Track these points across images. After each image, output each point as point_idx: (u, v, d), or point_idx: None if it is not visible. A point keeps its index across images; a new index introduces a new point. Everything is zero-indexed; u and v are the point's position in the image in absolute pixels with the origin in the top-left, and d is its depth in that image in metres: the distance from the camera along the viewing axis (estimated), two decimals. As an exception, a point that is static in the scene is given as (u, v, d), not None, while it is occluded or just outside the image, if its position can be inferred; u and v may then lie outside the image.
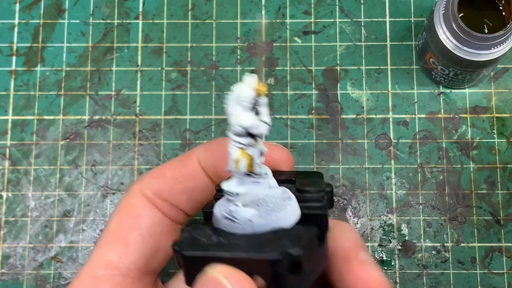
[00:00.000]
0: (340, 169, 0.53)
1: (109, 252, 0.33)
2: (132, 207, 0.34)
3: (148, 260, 0.33)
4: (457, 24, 0.46)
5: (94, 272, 0.32)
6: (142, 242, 0.33)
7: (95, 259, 0.33)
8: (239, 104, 0.26)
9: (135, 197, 0.34)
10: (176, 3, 0.56)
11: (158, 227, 0.34)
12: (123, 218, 0.34)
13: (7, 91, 0.55)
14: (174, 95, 0.54)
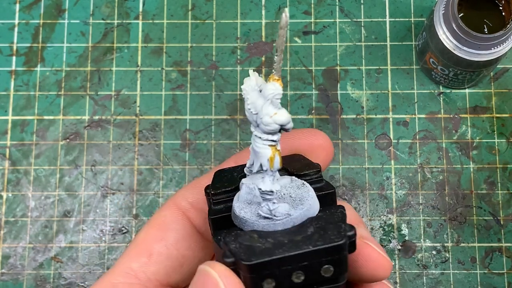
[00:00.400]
0: (340, 169, 0.53)
1: (131, 261, 0.33)
2: (162, 219, 0.34)
3: (170, 273, 0.33)
4: (457, 24, 0.46)
5: (114, 279, 0.32)
6: (166, 254, 0.33)
7: (117, 267, 0.33)
8: (272, 102, 0.26)
9: (167, 209, 0.34)
10: (176, 3, 0.56)
11: (185, 242, 0.33)
12: (151, 229, 0.34)
13: (7, 91, 0.55)
14: (174, 95, 0.54)
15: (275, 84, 0.27)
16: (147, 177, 0.53)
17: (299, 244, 0.27)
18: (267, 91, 0.27)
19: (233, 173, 0.32)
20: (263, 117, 0.26)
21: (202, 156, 0.53)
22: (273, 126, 0.26)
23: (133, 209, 0.53)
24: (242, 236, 0.27)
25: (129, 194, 0.53)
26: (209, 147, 0.53)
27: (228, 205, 0.30)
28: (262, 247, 0.26)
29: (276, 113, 0.26)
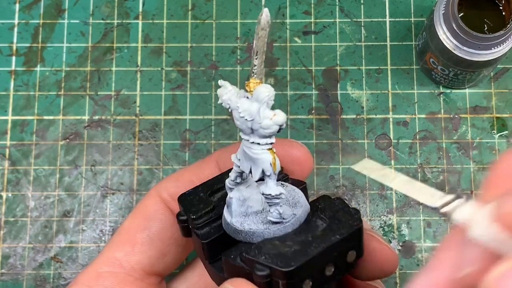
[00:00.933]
0: (340, 169, 0.53)
1: (115, 250, 0.33)
2: (145, 208, 0.34)
3: (153, 262, 0.33)
4: (457, 24, 0.46)
5: (99, 268, 0.33)
6: (149, 244, 0.33)
7: (101, 256, 0.33)
8: (268, 106, 0.26)
9: (150, 199, 0.34)
10: (176, 3, 0.56)
11: (168, 232, 0.34)
12: (134, 219, 0.34)
13: (7, 91, 0.55)
14: (174, 95, 0.54)
15: (266, 86, 0.26)
16: (147, 177, 0.53)
17: (325, 237, 0.27)
18: (261, 94, 0.26)
19: (198, 194, 0.31)
20: (263, 121, 0.26)
21: (202, 156, 0.53)
22: (274, 128, 0.26)
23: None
24: (264, 247, 0.27)
25: (129, 194, 0.53)
26: (209, 147, 0.53)
27: (213, 225, 0.30)
28: (292, 251, 0.26)
29: (275, 114, 0.26)
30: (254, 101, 0.26)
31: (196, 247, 0.31)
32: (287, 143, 0.33)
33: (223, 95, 0.27)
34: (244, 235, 0.29)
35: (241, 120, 0.26)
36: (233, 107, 0.27)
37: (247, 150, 0.27)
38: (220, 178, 0.32)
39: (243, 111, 0.26)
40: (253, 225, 0.28)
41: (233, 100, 0.27)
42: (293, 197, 0.29)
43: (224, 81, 0.27)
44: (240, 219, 0.29)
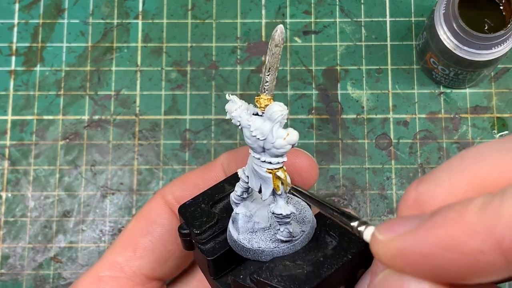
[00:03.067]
0: (340, 169, 0.53)
1: (117, 254, 0.33)
2: (149, 212, 0.34)
3: (155, 267, 0.33)
4: (457, 23, 0.46)
5: (100, 272, 0.32)
6: (151, 248, 0.33)
7: (103, 259, 0.33)
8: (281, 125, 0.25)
9: (154, 202, 0.34)
10: (176, 3, 0.56)
11: (171, 237, 0.33)
12: (138, 223, 0.34)
13: (7, 91, 0.55)
14: (174, 95, 0.54)
15: (280, 104, 0.25)
16: (147, 177, 0.53)
17: (336, 257, 0.26)
18: (275, 113, 0.25)
19: (199, 204, 0.30)
20: (276, 141, 0.25)
21: (202, 156, 0.53)
22: (287, 147, 0.25)
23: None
24: (275, 268, 0.27)
25: (129, 194, 0.53)
26: (209, 147, 0.53)
27: (218, 240, 0.29)
28: (305, 272, 0.26)
29: (288, 134, 0.25)
30: (267, 120, 0.25)
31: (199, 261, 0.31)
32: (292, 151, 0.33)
33: (232, 111, 0.26)
34: (252, 253, 0.28)
35: (253, 139, 0.25)
36: (244, 125, 0.25)
37: (257, 168, 0.26)
38: (220, 186, 0.31)
39: (255, 130, 0.25)
40: (261, 243, 0.28)
41: (243, 117, 0.26)
42: (300, 212, 0.29)
43: (233, 95, 0.26)
44: (248, 236, 0.28)
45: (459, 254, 0.17)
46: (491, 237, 0.17)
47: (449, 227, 0.17)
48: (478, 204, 0.17)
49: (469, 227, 0.17)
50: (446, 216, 0.18)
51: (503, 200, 0.17)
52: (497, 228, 0.17)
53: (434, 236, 0.18)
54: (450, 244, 0.17)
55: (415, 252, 0.18)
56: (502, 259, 0.17)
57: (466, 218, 0.17)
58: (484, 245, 0.17)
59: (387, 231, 0.19)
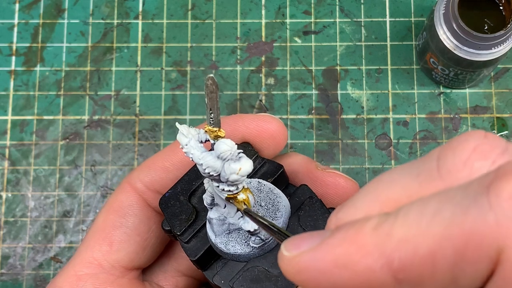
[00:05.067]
0: (340, 169, 0.53)
1: (93, 250, 0.32)
2: (119, 204, 0.33)
3: (133, 258, 0.33)
4: (457, 24, 0.46)
5: (78, 270, 0.32)
6: (127, 240, 0.33)
7: (79, 257, 0.33)
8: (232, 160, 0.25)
9: (123, 193, 0.33)
10: (176, 3, 0.56)
11: (145, 226, 0.33)
12: (109, 216, 0.33)
13: (7, 91, 0.55)
14: (174, 95, 0.54)
15: (226, 142, 0.25)
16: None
17: None
18: (224, 154, 0.25)
19: (178, 197, 0.31)
20: (230, 176, 0.25)
21: (202, 156, 0.53)
22: (242, 179, 0.25)
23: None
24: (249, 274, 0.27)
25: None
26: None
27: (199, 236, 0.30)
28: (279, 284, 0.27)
29: (240, 168, 0.25)
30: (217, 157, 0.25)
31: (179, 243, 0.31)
32: (261, 118, 0.33)
33: (183, 144, 0.26)
34: (230, 256, 0.29)
35: (206, 174, 0.26)
36: (197, 162, 0.26)
37: (218, 193, 0.27)
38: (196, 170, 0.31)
39: (207, 167, 0.25)
40: (237, 247, 0.28)
41: (195, 154, 0.26)
42: (273, 203, 0.29)
43: (182, 125, 0.26)
44: (224, 239, 0.29)
45: (352, 273, 0.18)
46: (382, 257, 0.17)
47: (344, 246, 0.18)
48: (373, 223, 0.18)
49: (362, 247, 0.18)
50: (344, 235, 0.18)
51: (396, 221, 0.18)
52: (387, 249, 0.17)
53: (331, 254, 0.18)
54: (345, 262, 0.18)
55: (314, 269, 0.18)
56: (392, 279, 0.17)
57: (360, 238, 0.18)
58: (376, 264, 0.17)
59: (292, 248, 0.19)
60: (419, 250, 0.17)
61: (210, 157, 0.25)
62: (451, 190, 0.18)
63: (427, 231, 0.17)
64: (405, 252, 0.17)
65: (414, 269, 0.17)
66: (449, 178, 0.19)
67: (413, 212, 0.18)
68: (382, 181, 0.20)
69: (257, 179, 0.30)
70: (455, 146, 0.19)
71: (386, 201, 0.20)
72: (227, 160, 0.25)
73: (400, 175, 0.20)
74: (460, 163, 0.19)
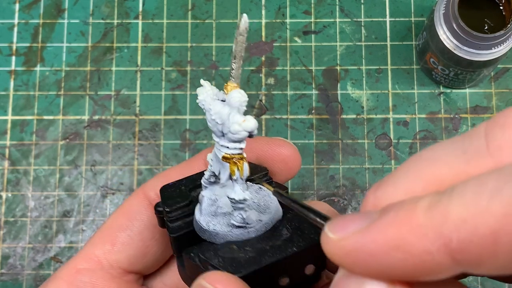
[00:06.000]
0: (340, 169, 0.53)
1: (96, 248, 0.33)
2: (129, 207, 0.34)
3: (133, 261, 0.34)
4: (457, 24, 0.46)
5: (78, 264, 0.33)
6: (130, 243, 0.33)
7: (82, 252, 0.34)
8: (238, 110, 0.26)
9: (135, 198, 0.35)
10: (176, 3, 0.56)
11: (149, 232, 0.34)
12: (117, 217, 0.34)
13: (7, 91, 0.55)
14: (174, 95, 0.54)
15: (240, 91, 0.26)
16: (147, 177, 0.53)
17: (282, 248, 0.27)
18: (233, 99, 0.26)
19: (180, 187, 0.31)
20: (232, 126, 0.26)
21: (202, 156, 0.53)
22: (243, 133, 0.26)
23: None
24: (221, 250, 0.27)
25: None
26: (209, 147, 0.53)
27: (186, 220, 0.30)
28: (246, 257, 0.26)
29: (244, 120, 0.26)
30: (227, 105, 0.26)
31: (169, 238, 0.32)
32: (275, 141, 0.33)
33: (200, 95, 0.27)
34: (208, 235, 0.29)
35: (212, 123, 0.27)
36: (207, 108, 0.27)
37: (217, 152, 0.28)
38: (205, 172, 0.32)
39: (214, 113, 0.26)
40: (218, 226, 0.29)
41: (207, 101, 0.27)
42: (265, 203, 0.29)
43: (205, 81, 0.27)
44: (208, 218, 0.29)
45: (407, 254, 0.17)
46: (439, 238, 0.17)
47: (398, 228, 0.18)
48: (426, 203, 0.17)
49: (417, 228, 0.17)
50: (395, 216, 0.18)
51: (451, 200, 0.17)
52: (444, 229, 0.17)
53: (384, 236, 0.18)
54: (399, 244, 0.17)
55: (364, 251, 0.18)
56: (449, 260, 0.17)
57: (414, 219, 0.17)
58: (432, 246, 0.17)
59: (338, 230, 0.19)
60: (480, 230, 0.16)
61: (219, 104, 0.27)
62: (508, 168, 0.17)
63: (487, 210, 0.16)
64: (464, 232, 0.16)
65: (473, 249, 0.17)
66: (500, 155, 0.18)
67: (470, 190, 0.17)
68: (424, 159, 0.20)
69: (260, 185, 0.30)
70: (503, 122, 0.19)
71: (430, 180, 0.19)
72: (235, 108, 0.26)
73: (445, 153, 0.19)
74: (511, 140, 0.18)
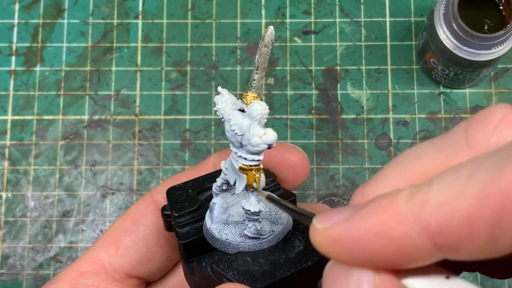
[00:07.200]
0: (340, 169, 0.53)
1: (100, 251, 0.33)
2: (136, 212, 0.34)
3: (136, 266, 0.33)
4: (457, 24, 0.46)
5: (81, 267, 0.33)
6: (134, 248, 0.33)
7: (86, 255, 0.34)
8: (259, 123, 0.26)
9: (143, 203, 0.34)
10: (176, 3, 0.56)
11: (154, 238, 0.34)
12: (123, 221, 0.34)
13: (7, 91, 0.55)
14: (174, 95, 0.54)
15: (262, 104, 0.26)
16: (147, 177, 0.53)
17: (296, 261, 0.26)
18: (255, 111, 0.25)
19: (187, 190, 0.31)
20: (252, 138, 0.25)
21: (202, 156, 0.53)
22: (262, 146, 0.26)
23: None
24: (235, 261, 0.27)
25: (129, 194, 0.53)
26: (209, 147, 0.53)
27: (194, 226, 0.30)
28: (261, 270, 0.26)
29: (265, 133, 0.25)
30: (247, 116, 0.26)
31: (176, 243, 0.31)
32: (284, 147, 0.33)
33: (218, 103, 0.27)
34: (220, 244, 0.29)
35: (232, 133, 0.26)
36: (226, 118, 0.26)
37: (234, 162, 0.27)
38: (213, 176, 0.32)
39: (234, 124, 0.26)
40: (230, 236, 0.28)
41: (227, 110, 0.27)
42: (276, 213, 0.29)
43: (223, 89, 0.27)
44: (220, 226, 0.29)
45: (388, 240, 0.18)
46: (418, 222, 0.18)
47: (379, 215, 0.18)
48: (407, 192, 0.18)
49: (398, 214, 0.18)
50: (377, 205, 0.19)
51: (430, 187, 0.18)
52: (423, 214, 0.18)
53: (366, 223, 0.19)
54: (380, 230, 0.18)
55: (348, 239, 0.19)
56: (430, 244, 0.18)
57: (395, 206, 0.18)
58: (412, 230, 0.18)
59: (324, 220, 0.20)
60: (457, 213, 0.17)
61: (240, 115, 0.26)
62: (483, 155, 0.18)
63: (463, 194, 0.17)
64: (442, 215, 0.17)
65: (452, 232, 0.17)
66: (477, 147, 0.19)
67: (447, 177, 0.18)
68: (407, 157, 0.21)
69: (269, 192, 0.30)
70: (482, 117, 0.20)
71: (413, 175, 0.20)
72: (255, 121, 0.26)
73: (426, 150, 0.20)
74: (489, 132, 0.19)
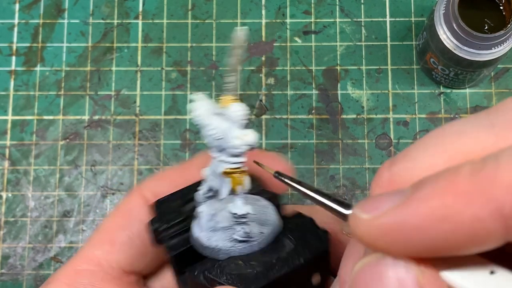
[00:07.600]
0: (340, 169, 0.53)
1: (95, 248, 0.33)
2: (127, 207, 0.34)
3: (132, 262, 0.33)
4: (457, 24, 0.46)
5: (77, 266, 0.33)
6: (129, 243, 0.33)
7: (80, 253, 0.34)
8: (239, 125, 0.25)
9: (133, 198, 0.34)
10: (176, 3, 0.56)
11: None
12: (116, 218, 0.34)
13: (7, 91, 0.55)
14: (174, 95, 0.54)
15: (240, 105, 0.25)
16: (147, 177, 0.53)
17: (289, 260, 0.27)
18: (233, 113, 0.25)
19: (174, 201, 0.31)
20: (232, 141, 0.25)
21: (202, 156, 0.53)
22: (243, 148, 0.25)
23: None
24: (227, 266, 0.27)
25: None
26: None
27: (183, 237, 0.30)
28: (254, 272, 0.26)
29: (246, 134, 0.25)
30: (226, 119, 0.26)
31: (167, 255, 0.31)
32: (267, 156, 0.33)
33: (195, 110, 0.26)
34: (210, 251, 0.28)
35: (210, 138, 0.26)
36: (204, 124, 0.26)
37: (216, 168, 0.27)
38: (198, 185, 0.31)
39: (213, 128, 0.26)
40: (220, 242, 0.28)
41: (203, 114, 0.26)
42: (264, 215, 0.29)
43: (201, 94, 0.27)
44: (208, 234, 0.29)
45: (455, 225, 0.16)
46: (490, 203, 0.16)
47: (441, 197, 0.16)
48: (467, 171, 0.16)
49: (464, 194, 0.16)
50: (435, 186, 0.17)
51: (499, 164, 0.16)
52: (495, 193, 0.16)
53: (426, 207, 0.16)
54: (445, 214, 0.16)
55: (407, 227, 0.17)
56: (502, 226, 0.16)
57: (458, 186, 0.16)
58: (483, 212, 0.16)
59: (370, 209, 0.18)
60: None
61: (218, 119, 0.26)
62: None
63: None
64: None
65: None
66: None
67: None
68: (448, 133, 0.18)
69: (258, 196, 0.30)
70: None
71: (454, 154, 0.18)
72: (235, 122, 0.25)
73: (471, 127, 0.18)
74: None
